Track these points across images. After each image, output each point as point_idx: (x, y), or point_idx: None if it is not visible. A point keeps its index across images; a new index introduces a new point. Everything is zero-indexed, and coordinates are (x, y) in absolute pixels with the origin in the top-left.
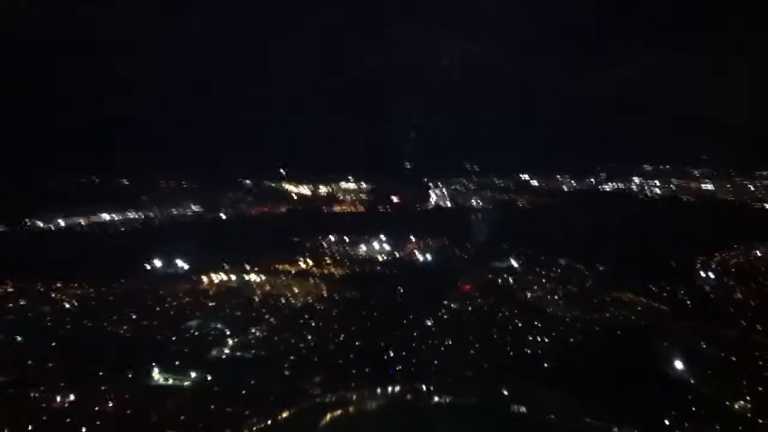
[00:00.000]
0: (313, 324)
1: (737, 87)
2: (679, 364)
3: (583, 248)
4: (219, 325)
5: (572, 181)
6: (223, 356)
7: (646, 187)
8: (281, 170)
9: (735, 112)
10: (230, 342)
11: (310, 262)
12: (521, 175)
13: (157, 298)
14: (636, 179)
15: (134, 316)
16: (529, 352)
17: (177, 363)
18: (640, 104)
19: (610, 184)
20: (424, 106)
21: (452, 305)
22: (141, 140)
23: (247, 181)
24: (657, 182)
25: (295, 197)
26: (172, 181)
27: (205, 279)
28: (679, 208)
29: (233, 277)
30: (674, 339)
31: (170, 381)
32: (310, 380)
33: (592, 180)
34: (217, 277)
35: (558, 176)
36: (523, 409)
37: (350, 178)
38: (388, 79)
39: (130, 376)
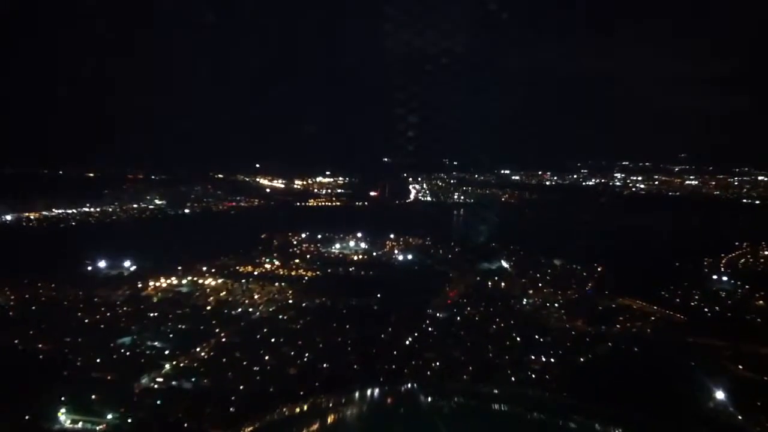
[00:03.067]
0: (273, 340)
1: (712, 86)
2: (719, 395)
3: (577, 247)
4: (157, 343)
5: (554, 177)
6: (155, 386)
7: (630, 183)
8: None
9: (709, 111)
10: (167, 366)
11: (277, 263)
12: (502, 170)
13: (89, 307)
14: (618, 175)
15: (55, 330)
16: (533, 376)
17: (94, 397)
18: (614, 102)
19: (592, 180)
20: (403, 100)
21: (438, 315)
22: (116, 134)
23: (219, 175)
24: (639, 178)
25: (269, 191)
26: (141, 175)
27: (151, 283)
28: (669, 204)
29: (184, 281)
30: (704, 359)
31: (79, 424)
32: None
33: (573, 176)
34: (166, 281)
35: (539, 171)
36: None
37: (327, 172)
38: (365, 73)
39: (27, 417)
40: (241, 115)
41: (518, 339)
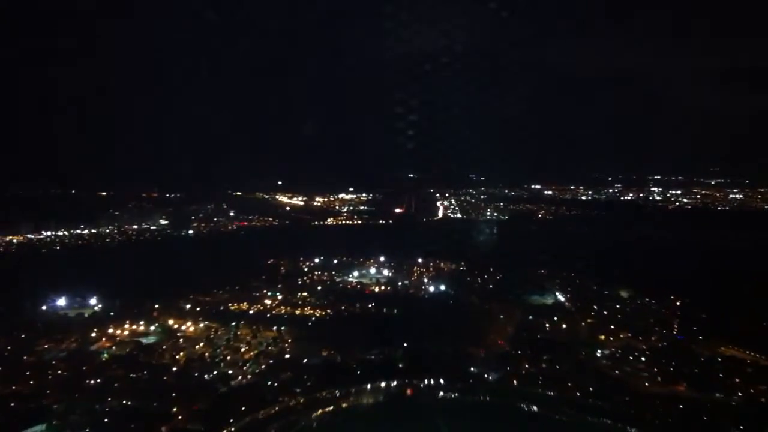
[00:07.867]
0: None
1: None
2: None
3: (641, 272)
4: None
5: (588, 191)
6: None
7: (671, 197)
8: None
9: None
10: None
11: (279, 297)
12: (532, 185)
13: (11, 369)
14: (655, 189)
15: None
16: None
17: None
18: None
19: (630, 194)
20: (425, 114)
21: (485, 376)
22: (136, 151)
23: (237, 193)
24: (679, 192)
25: (288, 209)
26: (155, 193)
27: (111, 330)
28: (724, 221)
29: (154, 327)
30: None
31: None
32: None
33: (608, 190)
34: (131, 327)
35: (570, 186)
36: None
37: (350, 188)
38: (389, 89)
39: None
40: (264, 133)
41: (608, 421)
